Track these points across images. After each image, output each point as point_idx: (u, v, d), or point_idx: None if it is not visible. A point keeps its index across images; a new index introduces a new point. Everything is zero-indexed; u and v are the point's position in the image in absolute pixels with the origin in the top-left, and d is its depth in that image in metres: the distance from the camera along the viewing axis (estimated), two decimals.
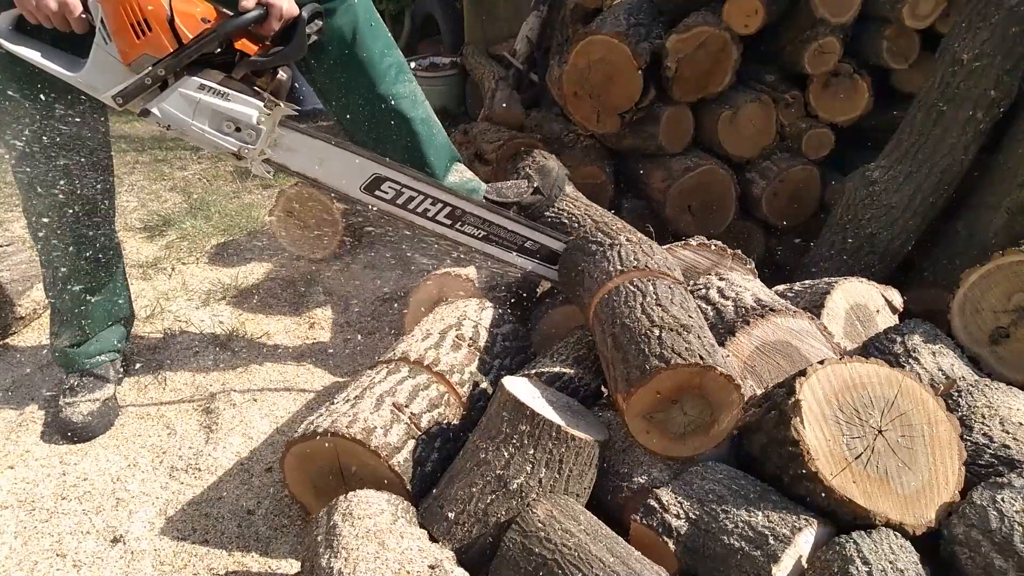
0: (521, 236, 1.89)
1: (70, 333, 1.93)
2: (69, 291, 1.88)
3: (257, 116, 1.58)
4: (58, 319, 1.93)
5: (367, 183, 1.74)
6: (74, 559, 1.51)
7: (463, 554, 1.25)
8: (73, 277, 1.86)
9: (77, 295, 1.89)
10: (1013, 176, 2.02)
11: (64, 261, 1.84)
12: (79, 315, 1.91)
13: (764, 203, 2.55)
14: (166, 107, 1.54)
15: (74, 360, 1.94)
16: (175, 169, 3.99)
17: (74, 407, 1.86)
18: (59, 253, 1.82)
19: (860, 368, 1.29)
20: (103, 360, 1.98)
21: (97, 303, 1.93)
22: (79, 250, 1.84)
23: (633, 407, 1.31)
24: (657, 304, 1.44)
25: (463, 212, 1.82)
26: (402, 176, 1.75)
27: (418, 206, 1.78)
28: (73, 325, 1.92)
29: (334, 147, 1.70)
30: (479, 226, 1.84)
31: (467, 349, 1.68)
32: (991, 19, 2.00)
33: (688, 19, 2.50)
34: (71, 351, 1.94)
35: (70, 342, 1.93)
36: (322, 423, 1.40)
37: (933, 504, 1.21)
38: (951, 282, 1.87)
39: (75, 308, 1.90)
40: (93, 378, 1.94)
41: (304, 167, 1.69)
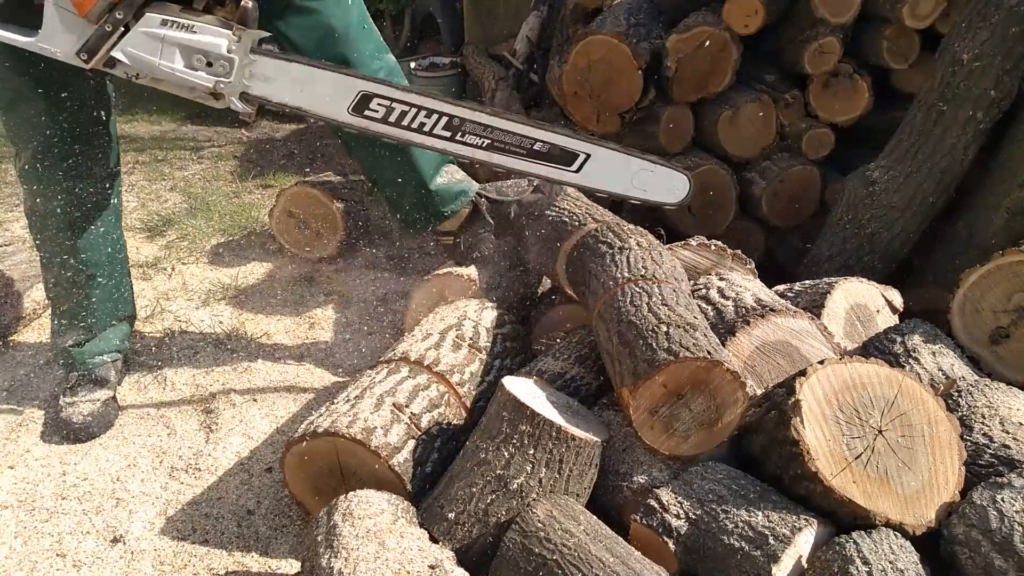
0: (529, 139, 1.74)
1: (73, 333, 1.92)
2: (73, 291, 1.88)
3: (227, 45, 1.49)
4: (60, 319, 1.93)
5: (354, 103, 1.63)
6: (74, 559, 1.51)
7: (463, 554, 1.25)
8: (76, 276, 1.86)
9: (81, 294, 1.88)
10: (1013, 176, 2.02)
11: (68, 260, 1.83)
12: (83, 314, 1.91)
13: (764, 203, 2.55)
14: (131, 51, 1.46)
15: (77, 359, 1.93)
16: (175, 169, 3.98)
17: (74, 407, 1.86)
18: (63, 252, 1.82)
19: (860, 368, 1.29)
20: (105, 360, 1.97)
21: (101, 302, 1.92)
22: (83, 248, 1.83)
23: (639, 400, 1.31)
24: (663, 304, 1.46)
25: (462, 121, 1.68)
26: (390, 90, 1.63)
27: (412, 121, 1.66)
28: (76, 325, 1.92)
29: (314, 68, 1.60)
30: (481, 134, 1.70)
31: (467, 349, 1.68)
32: (991, 19, 2.00)
33: (688, 19, 2.50)
34: (74, 351, 1.93)
35: (73, 341, 1.93)
36: (322, 423, 1.40)
37: (933, 504, 1.21)
38: (951, 282, 1.87)
39: (79, 307, 1.90)
40: (94, 378, 1.93)
41: (285, 96, 1.60)
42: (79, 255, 1.84)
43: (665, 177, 1.88)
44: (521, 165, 1.76)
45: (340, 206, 2.78)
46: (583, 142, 1.79)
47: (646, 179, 1.85)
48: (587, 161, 1.80)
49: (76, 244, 1.83)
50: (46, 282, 1.93)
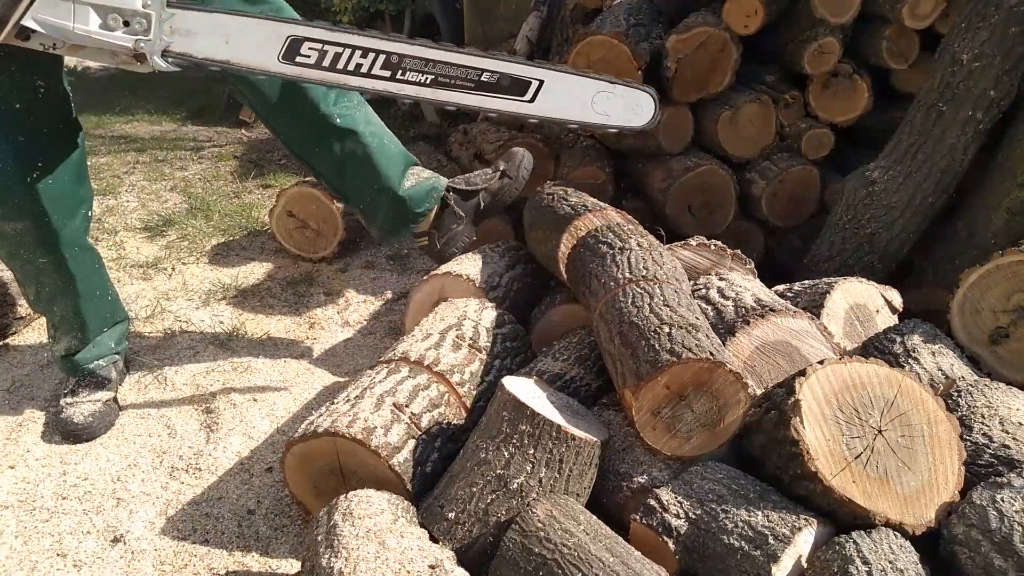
0: (475, 69, 1.65)
1: (66, 342, 1.91)
2: (55, 304, 1.85)
3: (141, 1, 1.42)
4: (53, 329, 1.92)
5: (284, 50, 1.54)
6: (74, 559, 1.51)
7: (463, 554, 1.25)
8: (55, 289, 1.82)
9: (66, 307, 1.86)
10: (1013, 176, 2.02)
11: (42, 277, 1.79)
12: (72, 324, 1.89)
13: (764, 203, 2.55)
14: (42, 17, 1.37)
15: (73, 367, 1.93)
16: (175, 169, 3.99)
17: (75, 407, 1.86)
18: (35, 268, 1.77)
19: (860, 368, 1.29)
20: (103, 364, 1.97)
21: (88, 311, 1.89)
22: (56, 261, 1.77)
23: (642, 401, 1.31)
24: (665, 305, 1.46)
25: (400, 57, 1.59)
26: (321, 32, 1.54)
27: (348, 63, 1.57)
28: (69, 335, 1.91)
29: (237, 16, 1.51)
30: (423, 70, 1.61)
31: (467, 349, 1.68)
32: (991, 19, 2.00)
33: (688, 19, 2.50)
34: (71, 359, 1.93)
35: (67, 351, 1.92)
36: (322, 423, 1.41)
37: (933, 504, 1.21)
38: (951, 282, 1.87)
39: (68, 319, 1.88)
40: (95, 379, 1.93)
41: (210, 51, 1.51)
42: (54, 273, 1.79)
43: (627, 96, 1.81)
44: (471, 100, 1.67)
45: (340, 206, 2.78)
46: (534, 68, 1.71)
47: (606, 102, 1.78)
48: (540, 89, 1.72)
49: (49, 264, 1.76)
50: (27, 297, 1.89)
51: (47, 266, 1.77)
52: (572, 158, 2.80)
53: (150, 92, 6.01)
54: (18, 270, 1.82)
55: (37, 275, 1.79)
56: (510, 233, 2.86)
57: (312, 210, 2.80)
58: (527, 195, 2.24)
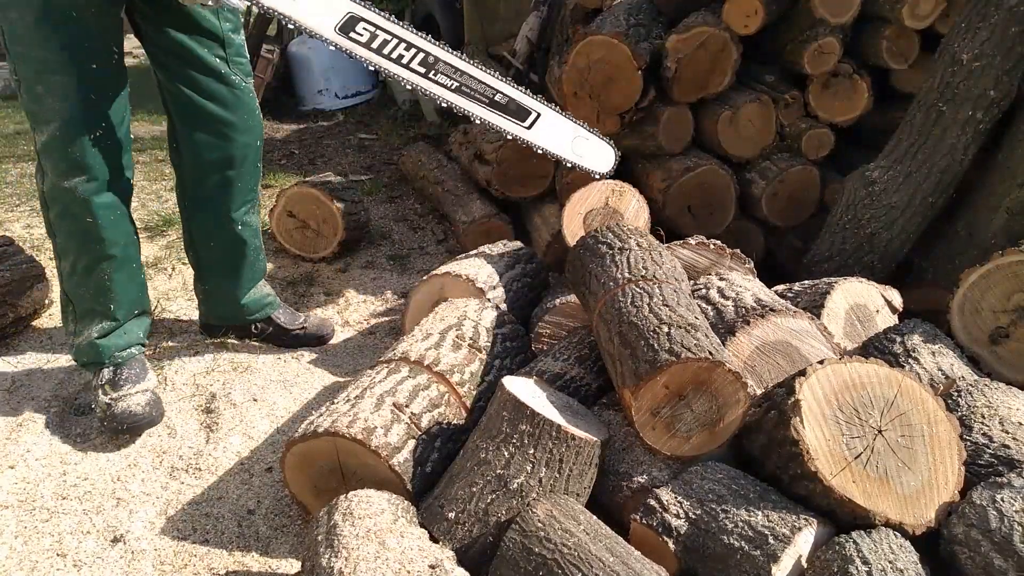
0: (492, 88, 1.92)
1: (97, 324, 1.88)
2: (93, 277, 1.85)
3: None
4: (79, 313, 1.89)
5: (342, 23, 1.71)
6: (74, 559, 1.51)
7: (463, 554, 1.25)
8: (98, 259, 1.83)
9: (103, 279, 1.85)
10: (1013, 176, 2.02)
11: (88, 243, 1.81)
12: (106, 302, 1.87)
13: (764, 203, 2.55)
14: None
15: (104, 353, 1.88)
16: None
17: (128, 400, 1.83)
18: (82, 233, 1.80)
19: (860, 368, 1.29)
20: (133, 353, 1.94)
21: (123, 289, 1.89)
22: (104, 227, 1.80)
23: (641, 400, 1.31)
24: (664, 304, 1.46)
25: (436, 60, 1.81)
26: (378, 18, 1.74)
27: (392, 51, 1.76)
28: (98, 314, 1.88)
29: None
30: (452, 76, 1.85)
31: (467, 349, 1.68)
32: (991, 19, 2.00)
33: (688, 19, 2.50)
34: (101, 343, 1.88)
35: (99, 333, 1.88)
36: (322, 423, 1.41)
37: (933, 504, 1.21)
38: (951, 282, 1.87)
39: (101, 294, 1.86)
40: (134, 369, 1.90)
41: (278, 2, 1.66)
42: (100, 234, 1.81)
43: (598, 147, 2.16)
44: (483, 113, 1.93)
45: (340, 206, 2.78)
46: (535, 101, 2.02)
47: (582, 146, 2.11)
48: (538, 119, 2.03)
49: (97, 223, 1.79)
50: (62, 273, 1.87)
51: (92, 227, 1.79)
52: None
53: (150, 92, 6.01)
54: (63, 233, 1.81)
55: (83, 238, 1.80)
56: (510, 233, 2.86)
57: (312, 210, 2.81)
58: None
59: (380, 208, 3.50)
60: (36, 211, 3.33)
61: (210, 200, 2.01)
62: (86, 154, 1.73)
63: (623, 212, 2.29)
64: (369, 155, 4.37)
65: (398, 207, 3.53)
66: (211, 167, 1.96)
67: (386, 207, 3.52)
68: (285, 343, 2.30)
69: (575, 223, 2.25)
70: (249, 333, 2.27)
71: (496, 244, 2.35)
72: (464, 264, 2.11)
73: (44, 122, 1.70)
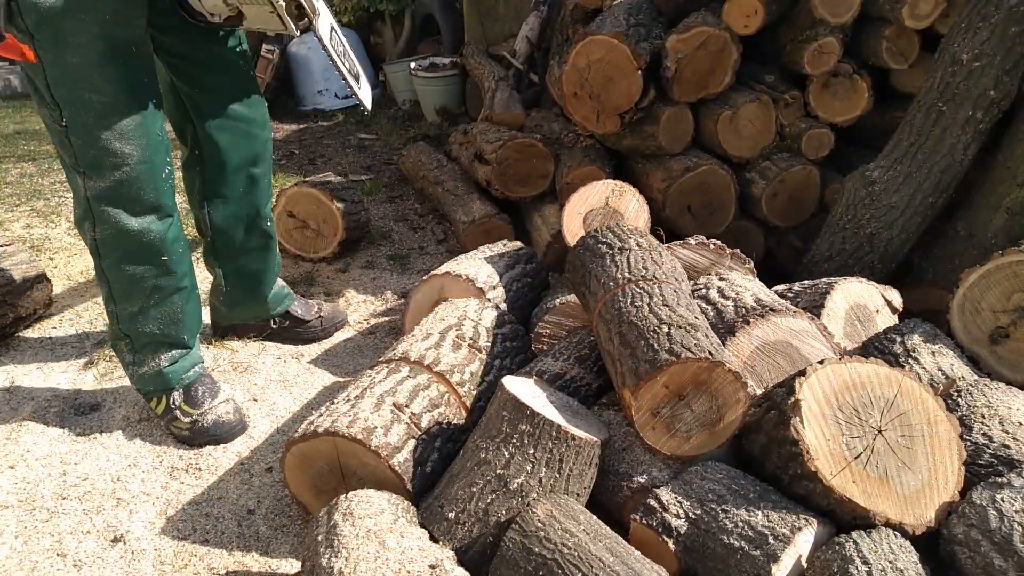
0: None
1: (166, 353, 1.84)
2: (163, 312, 1.79)
3: None
4: (139, 346, 1.82)
5: None
6: (74, 559, 1.51)
7: (463, 554, 1.25)
8: (168, 296, 1.79)
9: (174, 314, 1.81)
10: (1013, 176, 2.02)
11: (163, 276, 1.76)
12: (178, 332, 1.83)
13: (764, 203, 2.55)
14: None
15: (172, 380, 1.85)
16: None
17: (213, 412, 1.85)
18: (152, 277, 1.74)
19: (860, 368, 1.29)
20: (199, 371, 1.91)
21: (192, 317, 1.87)
22: (175, 267, 1.77)
23: (641, 400, 1.31)
24: (664, 304, 1.46)
25: None
26: None
27: None
28: (167, 345, 1.83)
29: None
30: None
31: (467, 349, 1.68)
32: (991, 19, 2.00)
33: (688, 19, 2.50)
34: (169, 371, 1.84)
35: (168, 362, 1.84)
36: (322, 423, 1.41)
37: (933, 504, 1.21)
38: (951, 282, 1.87)
39: (171, 327, 1.82)
40: (205, 384, 1.89)
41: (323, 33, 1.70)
42: (172, 269, 1.76)
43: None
44: None
45: (340, 206, 2.78)
46: None
47: None
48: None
49: (171, 259, 1.75)
50: (118, 315, 1.78)
51: (166, 264, 1.75)
52: (572, 158, 2.81)
53: None
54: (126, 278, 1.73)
55: (153, 277, 1.74)
56: (510, 233, 2.86)
57: (312, 210, 2.81)
58: None
59: (380, 208, 3.50)
60: (36, 211, 3.33)
61: (241, 200, 1.99)
62: (158, 193, 1.68)
63: (623, 212, 2.29)
64: (369, 155, 4.37)
65: (398, 207, 3.53)
66: (239, 167, 1.95)
67: (386, 207, 3.52)
68: (302, 336, 2.31)
69: (575, 223, 2.25)
70: (267, 329, 2.28)
71: (496, 244, 2.35)
72: (464, 264, 2.11)
73: (109, 168, 1.59)
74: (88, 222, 1.67)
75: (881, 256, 2.21)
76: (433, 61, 4.79)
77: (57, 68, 1.49)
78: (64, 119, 1.54)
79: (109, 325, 1.84)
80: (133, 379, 1.87)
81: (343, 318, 2.42)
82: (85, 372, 2.13)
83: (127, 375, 1.89)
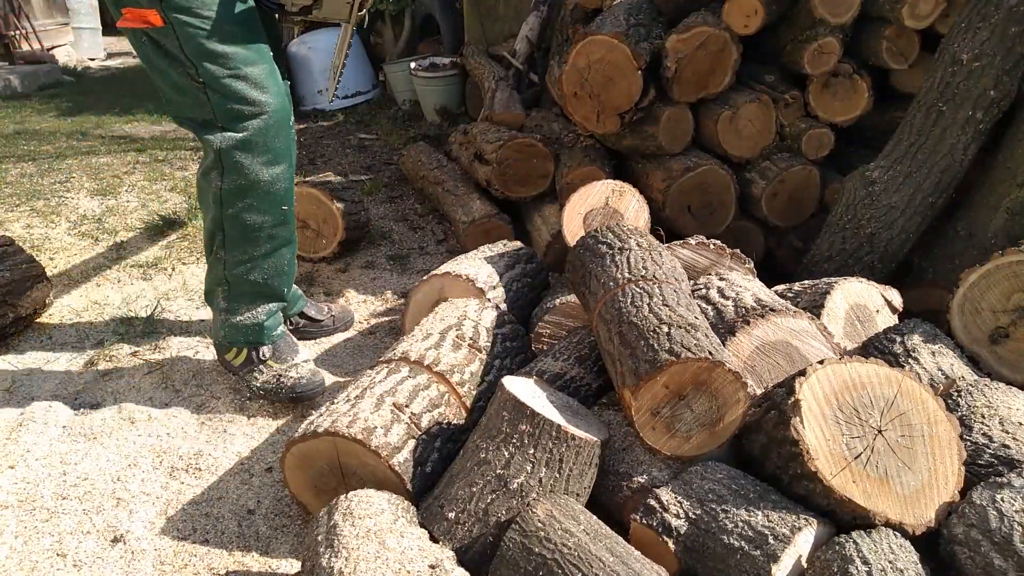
0: None
1: (264, 306, 1.92)
2: (272, 263, 1.87)
3: None
4: (235, 295, 1.89)
5: None
6: (74, 559, 1.51)
7: (463, 554, 1.25)
8: (280, 247, 1.87)
9: (281, 265, 1.90)
10: (1013, 176, 2.02)
11: (278, 227, 1.84)
12: (280, 284, 1.92)
13: (764, 203, 2.55)
14: None
15: (266, 333, 1.95)
16: (175, 169, 3.99)
17: (296, 370, 1.94)
18: (271, 225, 1.83)
19: (860, 368, 1.29)
20: (283, 329, 2.00)
21: (292, 269, 1.94)
22: (288, 209, 1.85)
23: (641, 400, 1.31)
24: (664, 304, 1.46)
25: None
26: None
27: None
28: (267, 297, 1.92)
29: None
30: None
31: (467, 349, 1.68)
32: (991, 19, 2.00)
33: (688, 19, 2.50)
34: (267, 324, 1.93)
35: (266, 315, 1.92)
36: (322, 423, 1.41)
37: (933, 504, 1.21)
38: (951, 282, 1.87)
39: (275, 278, 1.90)
40: (287, 342, 1.98)
41: None
42: (288, 219, 1.85)
43: None
44: None
45: (340, 206, 2.78)
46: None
47: None
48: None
49: (290, 209, 1.84)
50: (225, 262, 1.84)
51: (287, 214, 1.85)
52: (572, 158, 2.81)
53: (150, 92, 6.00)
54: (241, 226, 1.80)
55: (271, 226, 1.82)
56: (510, 233, 2.86)
57: (312, 210, 2.80)
58: None
59: (380, 208, 3.50)
60: (36, 211, 3.33)
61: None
62: (288, 142, 1.78)
63: (623, 212, 2.29)
64: (369, 155, 4.37)
65: (398, 207, 3.53)
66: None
67: (386, 207, 3.52)
68: (315, 335, 2.34)
69: (575, 223, 2.25)
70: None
71: (496, 244, 2.35)
72: (464, 264, 2.11)
73: (247, 117, 1.69)
74: (216, 171, 1.74)
75: (881, 256, 2.21)
76: (433, 61, 4.79)
77: (190, 26, 1.57)
78: (200, 75, 1.62)
79: (210, 272, 1.90)
80: (222, 327, 1.94)
81: (352, 317, 2.44)
82: (85, 372, 2.13)
83: (215, 323, 1.96)
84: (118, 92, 6.21)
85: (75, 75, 7.37)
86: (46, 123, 5.16)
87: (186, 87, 1.65)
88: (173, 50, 1.60)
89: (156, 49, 1.63)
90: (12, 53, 7.13)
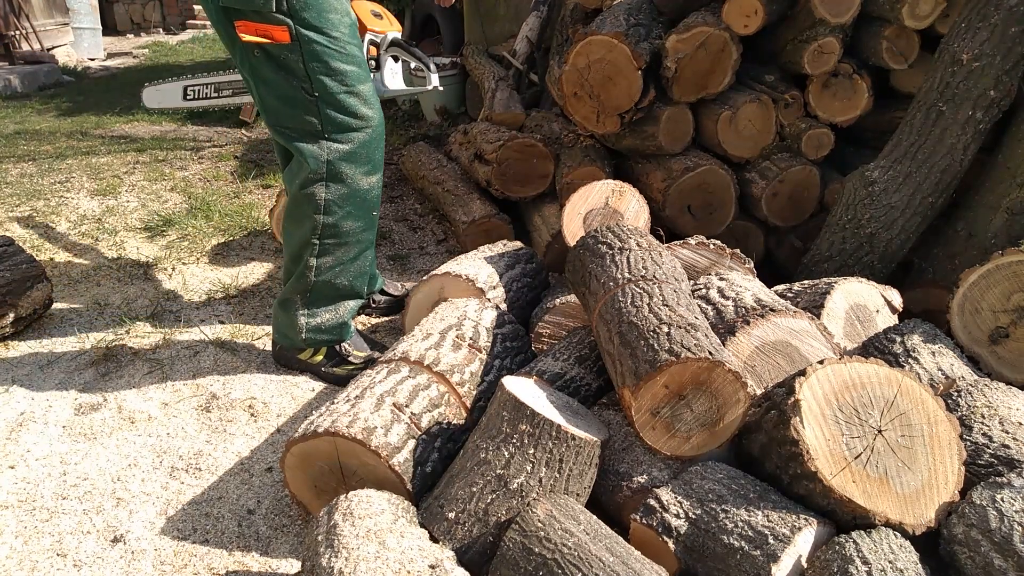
0: None
1: (346, 305, 2.02)
2: (357, 265, 1.97)
3: None
4: (315, 299, 1.98)
5: None
6: (74, 559, 1.51)
7: (463, 554, 1.25)
8: (365, 250, 1.98)
9: (363, 267, 1.99)
10: (1013, 176, 2.02)
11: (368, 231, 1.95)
12: (361, 285, 2.02)
13: (764, 203, 2.55)
14: None
15: (347, 331, 2.06)
16: (175, 169, 3.99)
17: (372, 355, 2.07)
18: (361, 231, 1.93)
19: (860, 368, 1.29)
20: (352, 329, 2.10)
21: (372, 269, 2.05)
22: (375, 222, 1.97)
23: (641, 400, 1.31)
24: (664, 304, 1.46)
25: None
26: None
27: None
28: (348, 296, 2.01)
29: None
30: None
31: (467, 349, 1.68)
32: (991, 19, 2.00)
33: (688, 19, 2.49)
34: (349, 322, 2.05)
35: (350, 314, 2.03)
36: (322, 423, 1.41)
37: (933, 504, 1.21)
38: (951, 282, 1.87)
39: (358, 279, 2.00)
40: (358, 339, 2.07)
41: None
42: (374, 224, 1.97)
43: None
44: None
45: None
46: None
47: None
48: None
49: (377, 215, 1.96)
50: (315, 267, 1.92)
51: (375, 219, 1.97)
52: (572, 158, 2.81)
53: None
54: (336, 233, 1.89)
55: (361, 231, 1.94)
56: (510, 233, 2.86)
57: None
58: None
59: (380, 208, 3.49)
60: (36, 211, 3.33)
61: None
62: (381, 153, 1.90)
63: (623, 212, 2.29)
64: None
65: (398, 207, 3.53)
66: None
67: (386, 207, 3.52)
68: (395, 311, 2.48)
69: (575, 223, 2.25)
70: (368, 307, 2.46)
71: (496, 244, 2.35)
72: (464, 264, 2.11)
73: (354, 130, 1.81)
74: (320, 183, 1.83)
75: (881, 256, 2.21)
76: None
77: (317, 43, 1.69)
78: (316, 90, 1.73)
79: (296, 282, 1.96)
80: (303, 330, 2.00)
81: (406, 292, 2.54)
82: (85, 372, 2.13)
83: (290, 327, 2.02)
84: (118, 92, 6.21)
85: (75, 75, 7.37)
86: (46, 123, 5.16)
87: (297, 100, 1.74)
88: (293, 65, 1.70)
89: (270, 63, 1.71)
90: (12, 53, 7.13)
